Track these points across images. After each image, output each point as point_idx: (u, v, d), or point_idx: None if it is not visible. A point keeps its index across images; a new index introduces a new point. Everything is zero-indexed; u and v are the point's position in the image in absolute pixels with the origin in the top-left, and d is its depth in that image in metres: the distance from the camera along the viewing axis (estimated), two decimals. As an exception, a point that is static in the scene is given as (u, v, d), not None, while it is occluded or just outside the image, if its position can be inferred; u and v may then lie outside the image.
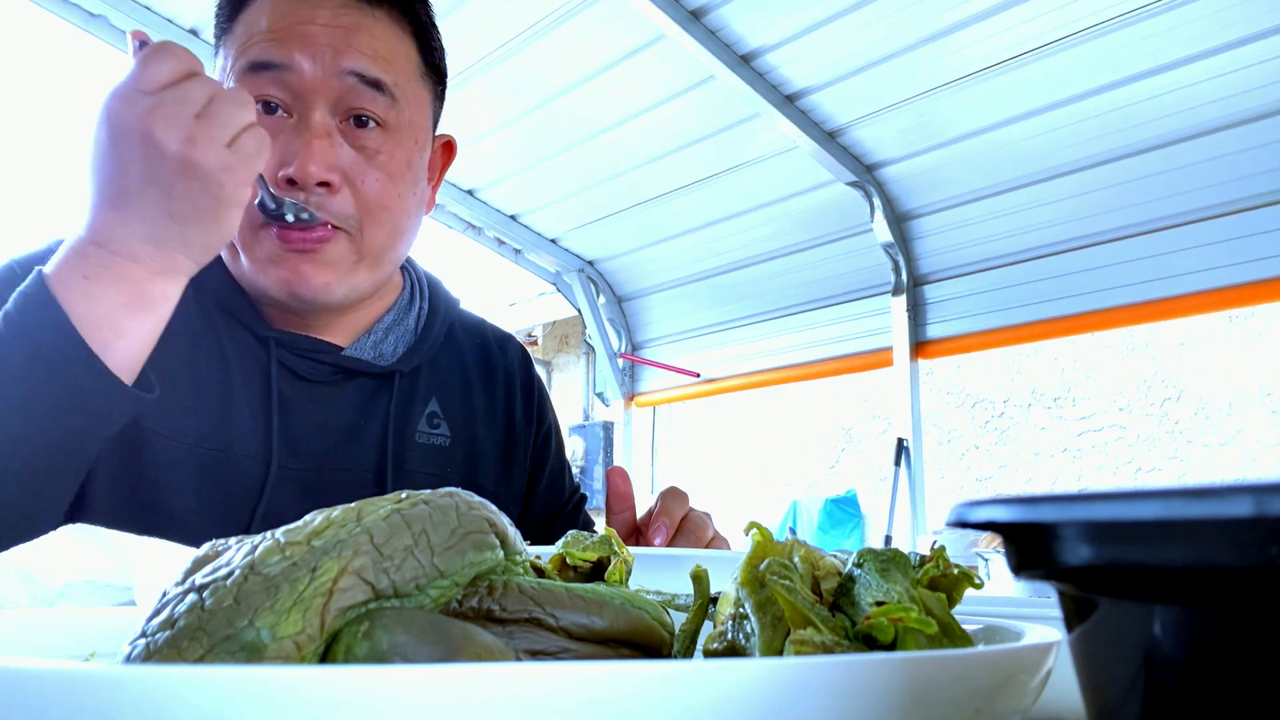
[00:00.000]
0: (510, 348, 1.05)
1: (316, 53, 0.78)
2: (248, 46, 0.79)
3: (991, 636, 0.37)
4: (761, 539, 0.35)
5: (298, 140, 0.78)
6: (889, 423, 4.95)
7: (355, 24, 0.80)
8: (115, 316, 0.66)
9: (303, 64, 0.78)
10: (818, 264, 3.76)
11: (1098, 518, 0.19)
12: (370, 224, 0.82)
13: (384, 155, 0.82)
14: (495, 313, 6.53)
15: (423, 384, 0.93)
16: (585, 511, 1.06)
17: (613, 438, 5.85)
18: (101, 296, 0.65)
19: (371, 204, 0.81)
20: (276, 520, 0.80)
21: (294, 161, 0.77)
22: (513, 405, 1.00)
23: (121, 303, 0.66)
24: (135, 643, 0.26)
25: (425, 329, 0.95)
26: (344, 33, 0.79)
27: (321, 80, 0.78)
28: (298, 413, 0.85)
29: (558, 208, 3.89)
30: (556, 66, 2.97)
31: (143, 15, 2.88)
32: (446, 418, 0.93)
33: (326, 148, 0.78)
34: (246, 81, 0.78)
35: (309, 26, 0.78)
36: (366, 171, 0.81)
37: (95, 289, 0.65)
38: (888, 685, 0.23)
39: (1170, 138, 2.79)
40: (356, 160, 0.80)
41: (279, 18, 0.79)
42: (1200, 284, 2.89)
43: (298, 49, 0.78)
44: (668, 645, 0.33)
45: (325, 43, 0.78)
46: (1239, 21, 2.41)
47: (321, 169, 0.77)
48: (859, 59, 2.79)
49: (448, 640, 0.26)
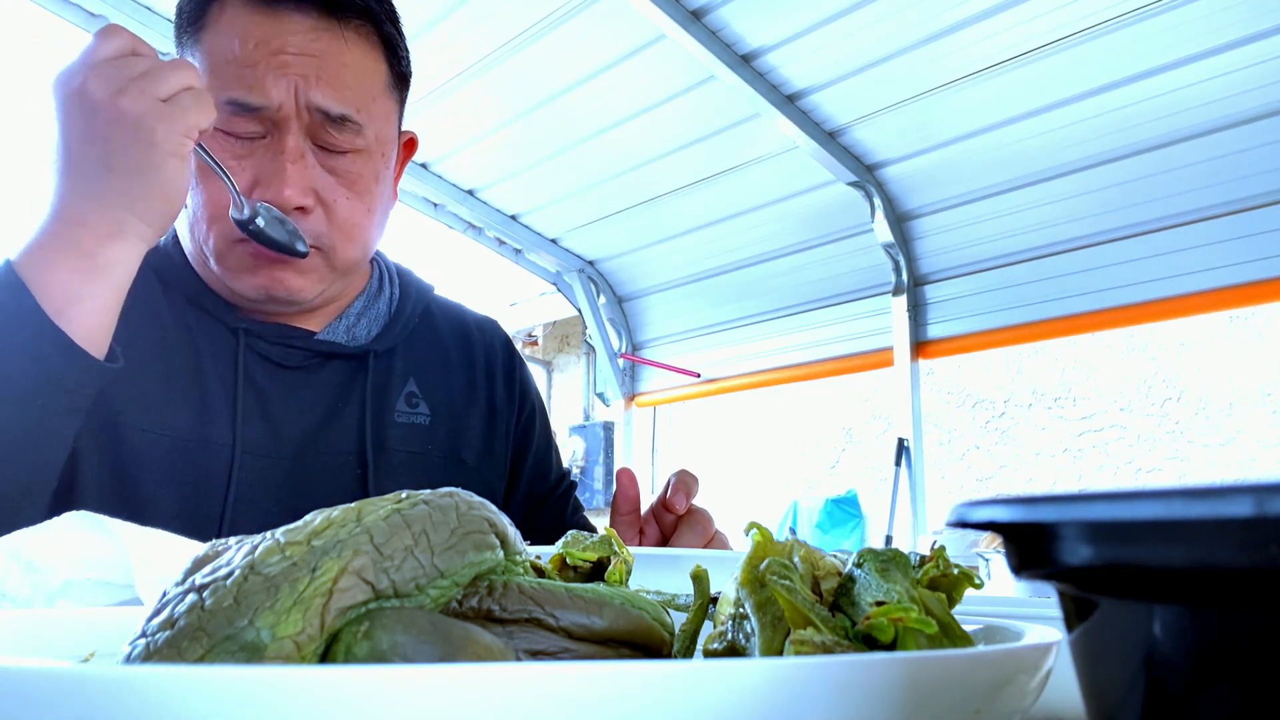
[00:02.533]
0: (490, 330, 1.06)
1: (288, 85, 0.78)
2: (220, 73, 0.79)
3: (991, 636, 0.37)
4: (761, 539, 0.35)
5: (272, 164, 0.79)
6: (889, 423, 4.94)
7: (325, 50, 0.80)
8: (70, 284, 0.66)
9: (275, 97, 0.78)
10: (818, 264, 3.76)
11: (1098, 518, 0.19)
12: (343, 241, 0.84)
13: (354, 175, 0.83)
14: (496, 313, 6.48)
15: (399, 365, 0.94)
16: (583, 514, 1.07)
17: (613, 438, 5.85)
18: (57, 265, 0.66)
19: (344, 223, 0.83)
20: (253, 507, 0.81)
21: (270, 184, 0.78)
22: (494, 384, 1.01)
23: (75, 268, 0.66)
24: (135, 643, 0.26)
25: (397, 311, 0.97)
26: (314, 62, 0.79)
27: (294, 110, 0.79)
28: (276, 400, 0.87)
29: (558, 208, 3.89)
30: (556, 66, 2.97)
31: (142, 15, 2.87)
32: (425, 397, 0.94)
33: (301, 171, 0.79)
34: (221, 113, 0.77)
35: (280, 56, 0.78)
36: (337, 192, 0.82)
37: (50, 258, 0.66)
38: (888, 685, 0.23)
39: (1170, 138, 2.79)
40: (328, 182, 0.82)
41: (251, 46, 0.78)
42: (1201, 284, 2.89)
43: (271, 83, 0.78)
44: (668, 645, 0.33)
45: (296, 72, 0.78)
46: (1239, 21, 2.41)
47: (297, 193, 0.79)
48: (859, 59, 2.79)
49: (448, 640, 0.26)
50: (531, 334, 7.36)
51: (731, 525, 0.66)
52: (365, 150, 0.84)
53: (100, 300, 0.68)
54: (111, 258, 0.68)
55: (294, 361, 0.88)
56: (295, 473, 0.85)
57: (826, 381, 4.79)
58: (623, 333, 4.47)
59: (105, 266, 0.68)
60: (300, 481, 0.85)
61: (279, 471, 0.84)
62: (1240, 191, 2.78)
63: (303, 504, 0.69)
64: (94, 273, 0.67)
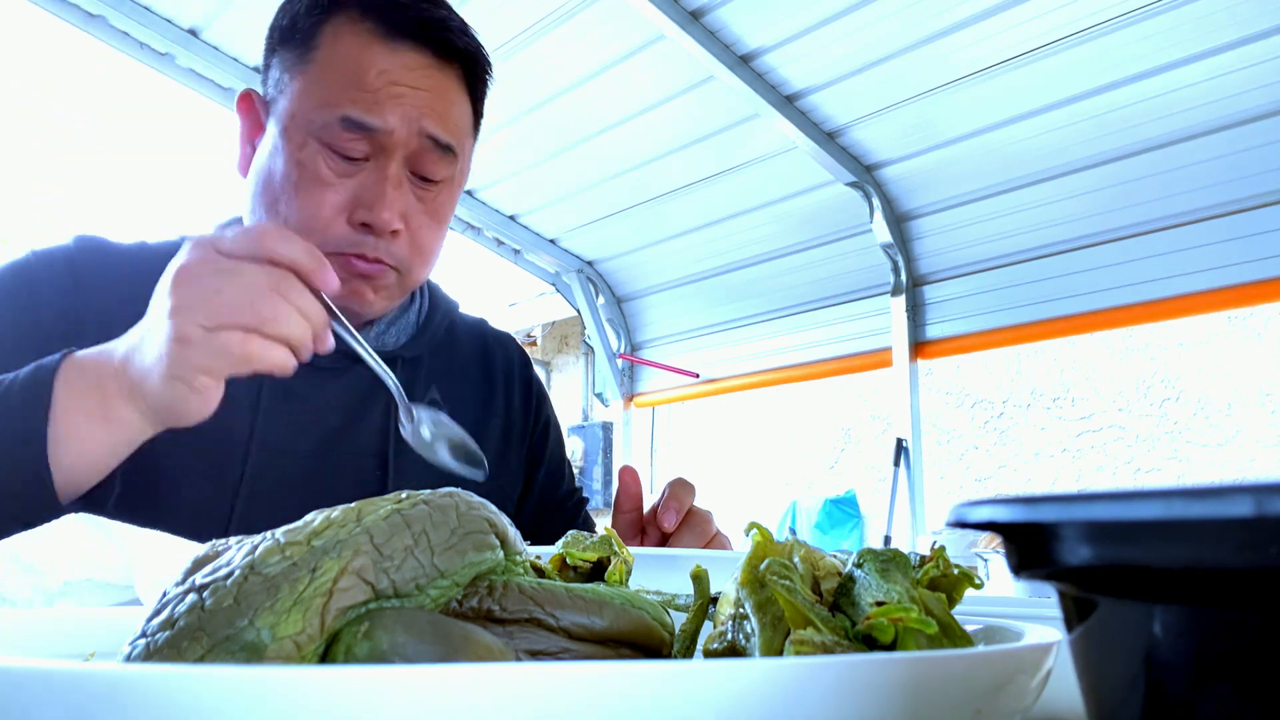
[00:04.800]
0: (509, 345, 1.11)
1: (404, 114, 0.83)
2: (336, 92, 0.83)
3: (991, 636, 0.37)
4: (761, 539, 0.35)
5: (375, 187, 0.83)
6: (888, 423, 4.95)
7: (435, 87, 0.86)
8: (79, 416, 0.67)
9: (393, 124, 0.83)
10: (817, 264, 3.76)
11: (1097, 518, 0.19)
12: (418, 264, 0.89)
13: (438, 203, 0.89)
14: (495, 313, 6.53)
15: (423, 372, 0.97)
16: (587, 513, 1.09)
17: (612, 438, 5.85)
18: (83, 393, 0.67)
19: (422, 248, 0.89)
20: (269, 504, 0.82)
21: (372, 206, 0.83)
22: (511, 396, 1.05)
23: (89, 405, 0.67)
24: (135, 643, 0.26)
25: (425, 322, 1.00)
26: (428, 96, 0.85)
27: (404, 139, 0.84)
28: (300, 398, 0.88)
29: (557, 208, 3.89)
30: (556, 66, 2.97)
31: (142, 16, 2.87)
32: (446, 404, 0.97)
33: (400, 196, 0.84)
34: (332, 129, 0.82)
35: (399, 87, 0.84)
36: (423, 218, 0.88)
37: (80, 383, 0.68)
38: (888, 685, 0.23)
39: (1170, 138, 2.79)
40: (416, 208, 0.87)
41: (374, 74, 0.83)
42: (1200, 284, 2.89)
43: (390, 110, 0.83)
44: (668, 645, 0.33)
45: (411, 104, 0.84)
46: (1239, 21, 2.41)
47: (394, 217, 0.84)
48: (859, 59, 2.79)
49: (448, 640, 0.26)
50: (530, 334, 7.36)
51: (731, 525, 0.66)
52: (451, 181, 0.90)
53: (94, 444, 0.68)
54: (119, 416, 0.68)
55: (323, 362, 0.89)
56: (314, 472, 0.87)
57: (825, 382, 4.79)
58: (621, 333, 4.47)
59: (111, 420, 0.68)
60: (318, 480, 0.87)
61: (297, 469, 0.86)
62: (1240, 191, 2.77)
63: (320, 503, 0.70)
64: (100, 420, 0.68)
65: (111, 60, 3.03)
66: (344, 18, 0.85)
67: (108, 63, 3.32)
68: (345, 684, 0.19)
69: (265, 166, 0.86)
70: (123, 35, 2.90)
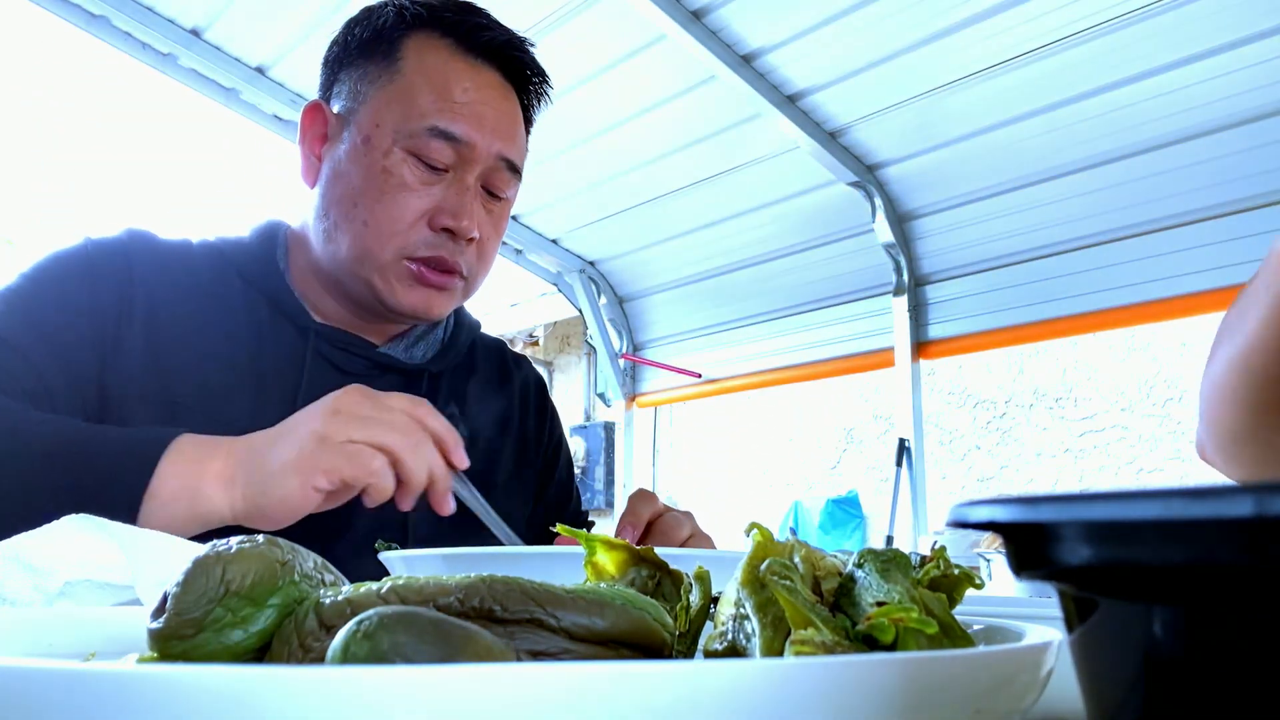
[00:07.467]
0: (525, 366, 1.16)
1: (486, 133, 0.90)
2: (423, 102, 0.88)
3: (992, 636, 0.37)
4: (762, 539, 0.35)
5: (457, 197, 0.90)
6: (890, 423, 4.94)
7: (509, 111, 0.94)
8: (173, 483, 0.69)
9: (477, 141, 0.90)
10: (819, 264, 3.75)
11: (1098, 518, 0.19)
12: (480, 273, 0.96)
13: (499, 218, 0.96)
14: (496, 313, 6.52)
15: (445, 387, 1.01)
16: (586, 517, 1.11)
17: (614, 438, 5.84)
18: (182, 462, 0.70)
19: (485, 257, 0.96)
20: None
21: (457, 214, 0.89)
22: (526, 414, 1.09)
23: (185, 472, 0.69)
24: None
25: (451, 339, 1.04)
26: (506, 118, 0.93)
27: (484, 154, 0.90)
28: None
29: (558, 208, 3.89)
30: (556, 67, 2.95)
31: (144, 16, 2.87)
32: (466, 420, 0.99)
33: (478, 208, 0.92)
34: (421, 138, 0.87)
35: (484, 107, 0.91)
36: (488, 229, 0.94)
37: (183, 456, 0.70)
38: (888, 685, 0.23)
39: (1170, 138, 2.79)
40: (485, 220, 0.94)
41: (462, 90, 0.90)
42: (1202, 284, 2.88)
43: (475, 126, 0.89)
44: (668, 646, 0.33)
45: (492, 124, 0.91)
46: (1239, 21, 2.41)
47: (473, 226, 0.90)
48: (860, 59, 2.79)
49: (449, 641, 0.26)
50: (532, 334, 7.35)
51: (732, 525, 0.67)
52: (509, 199, 0.97)
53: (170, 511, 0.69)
54: (209, 495, 0.70)
55: (355, 369, 0.94)
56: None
57: (827, 382, 4.79)
58: (623, 333, 4.47)
59: (201, 498, 0.70)
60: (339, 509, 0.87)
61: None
62: (1240, 191, 2.77)
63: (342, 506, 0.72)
64: (191, 496, 0.69)
65: (113, 61, 3.04)
66: (426, 33, 0.91)
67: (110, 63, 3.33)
68: (345, 684, 0.19)
69: (342, 172, 0.90)
70: (125, 36, 2.90)
